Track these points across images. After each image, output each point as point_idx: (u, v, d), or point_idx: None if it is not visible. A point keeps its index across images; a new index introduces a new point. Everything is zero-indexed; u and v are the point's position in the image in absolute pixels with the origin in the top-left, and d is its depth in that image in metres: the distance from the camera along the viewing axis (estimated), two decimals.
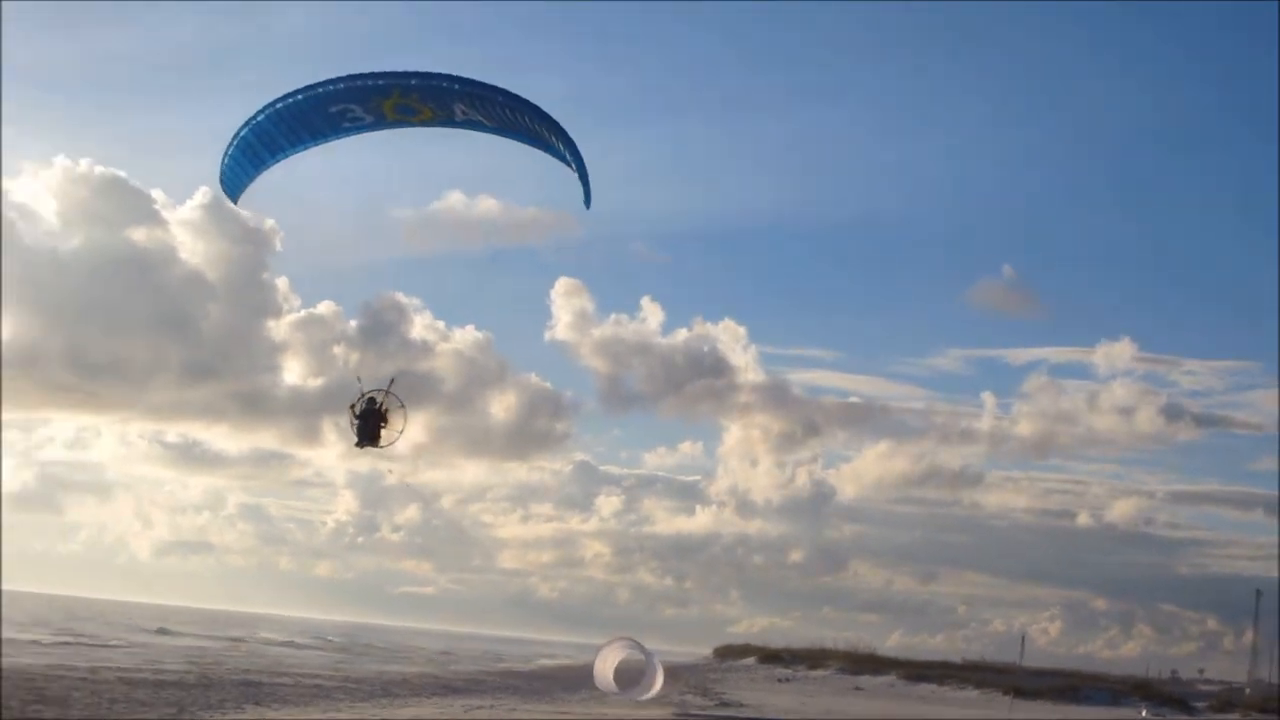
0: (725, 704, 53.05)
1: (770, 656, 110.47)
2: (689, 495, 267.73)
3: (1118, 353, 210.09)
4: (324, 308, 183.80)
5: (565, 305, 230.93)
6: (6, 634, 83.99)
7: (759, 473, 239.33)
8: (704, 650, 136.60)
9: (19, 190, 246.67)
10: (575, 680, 62.39)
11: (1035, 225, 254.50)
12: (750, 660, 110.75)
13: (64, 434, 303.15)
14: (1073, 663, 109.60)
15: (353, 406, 24.50)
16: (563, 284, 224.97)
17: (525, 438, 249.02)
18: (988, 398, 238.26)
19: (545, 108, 21.82)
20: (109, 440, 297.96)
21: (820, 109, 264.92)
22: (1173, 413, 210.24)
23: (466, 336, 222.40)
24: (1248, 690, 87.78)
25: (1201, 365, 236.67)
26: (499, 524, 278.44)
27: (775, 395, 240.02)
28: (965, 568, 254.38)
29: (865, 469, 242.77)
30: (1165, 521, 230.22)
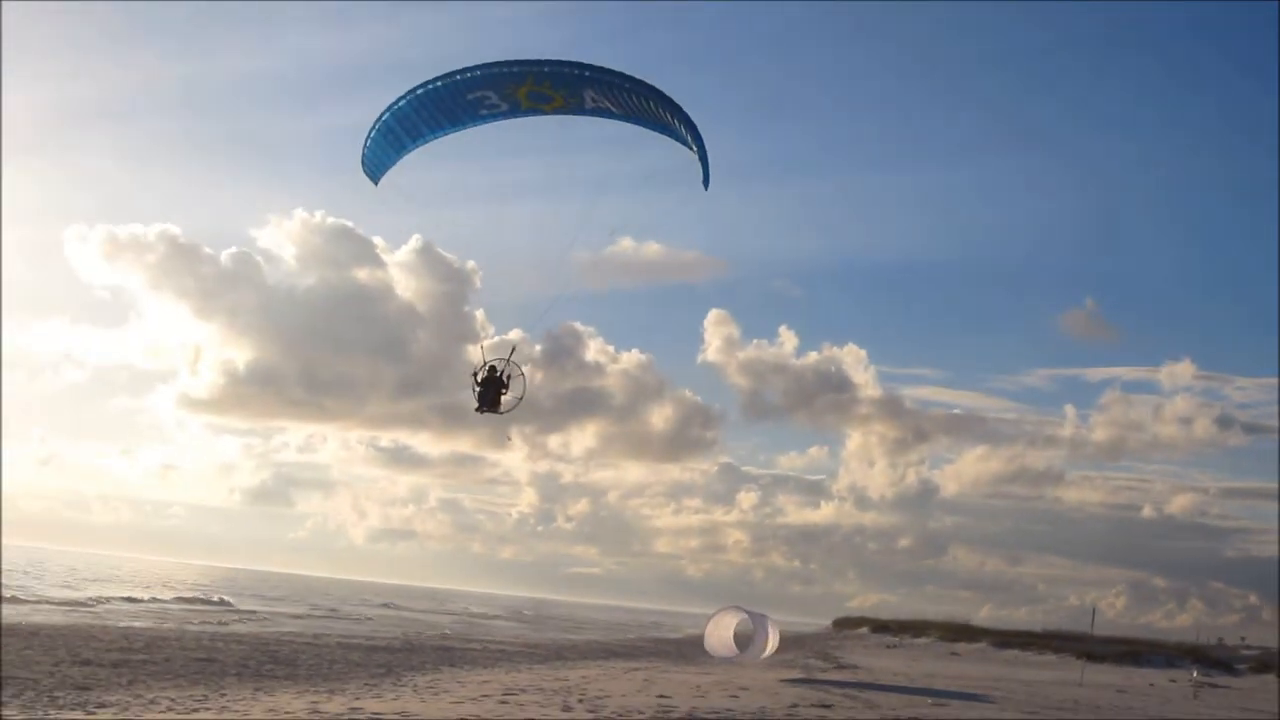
0: (841, 666, 53.50)
1: (880, 627, 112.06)
2: (815, 492, 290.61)
3: (1179, 372, 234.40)
4: (514, 334, 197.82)
5: (715, 332, 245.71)
6: (266, 607, 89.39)
7: (875, 472, 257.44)
8: (824, 621, 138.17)
9: (264, 238, 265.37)
10: None
11: (1111, 264, 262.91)
12: (864, 630, 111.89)
13: (296, 440, 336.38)
14: (1135, 632, 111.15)
15: (475, 374, 23.63)
16: (713, 315, 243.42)
17: (679, 443, 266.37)
18: (1069, 409, 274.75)
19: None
20: (333, 445, 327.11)
21: (932, 169, 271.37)
22: (1225, 422, 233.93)
23: (632, 359, 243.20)
24: None
25: (1250, 382, 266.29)
26: (655, 515, 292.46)
27: (890, 407, 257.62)
28: (1046, 552, 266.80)
29: (964, 469, 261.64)
30: (1216, 514, 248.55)
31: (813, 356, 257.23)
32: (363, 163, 22.69)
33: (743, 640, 47.78)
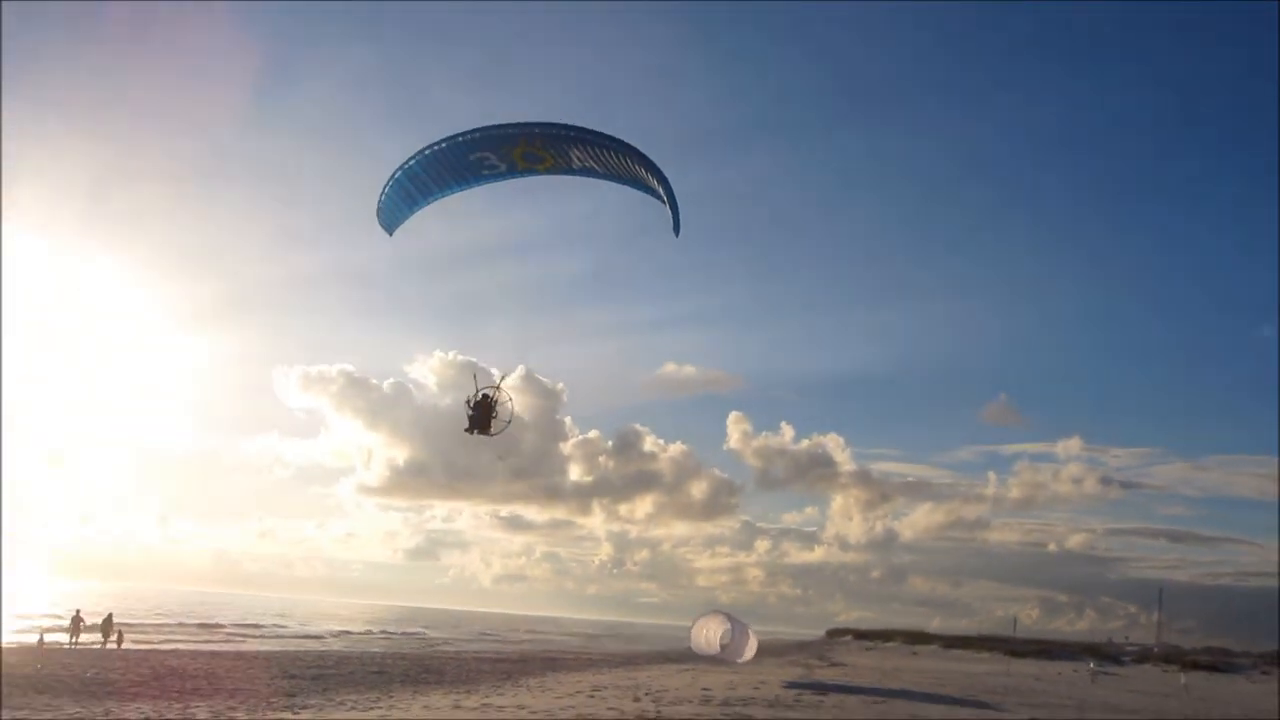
0: (833, 664, 50.05)
1: (860, 635, 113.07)
2: (809, 539, 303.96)
3: (1071, 445, 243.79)
4: (592, 434, 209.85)
5: (735, 428, 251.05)
6: (421, 633, 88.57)
7: (852, 524, 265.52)
8: (819, 632, 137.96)
9: (413, 371, 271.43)
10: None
11: (1016, 369, 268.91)
12: (848, 637, 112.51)
13: (441, 513, 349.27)
14: (1046, 635, 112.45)
15: (468, 401, 20.71)
16: (733, 415, 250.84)
17: (711, 508, 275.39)
18: (991, 475, 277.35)
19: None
20: (467, 516, 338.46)
21: (883, 308, 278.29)
22: (1105, 481, 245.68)
23: (677, 448, 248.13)
24: (1155, 649, 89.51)
25: (1123, 451, 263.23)
26: (696, 559, 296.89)
27: (861, 478, 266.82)
28: (978, 578, 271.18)
29: (917, 520, 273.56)
30: (1102, 548, 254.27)
31: (805, 443, 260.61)
32: (378, 214, 19.83)
33: (726, 644, 43.07)
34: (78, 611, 54.35)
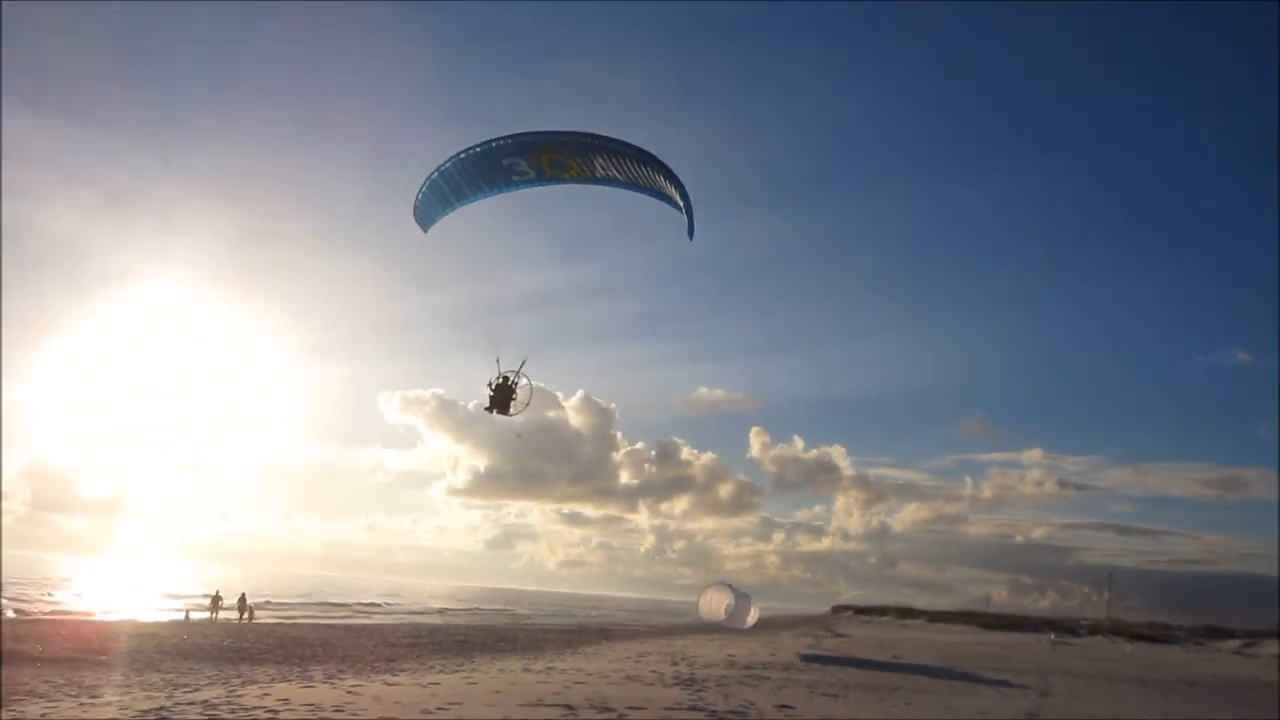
0: (836, 635, 50.79)
1: (859, 611, 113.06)
2: (818, 532, 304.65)
3: (1033, 454, 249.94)
4: (638, 445, 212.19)
5: (756, 440, 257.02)
6: (498, 609, 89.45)
7: (852, 520, 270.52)
8: (825, 609, 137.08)
9: None
10: (767, 627, 63.41)
11: (988, 391, 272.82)
12: (849, 613, 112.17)
13: (514, 511, 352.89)
14: (1014, 611, 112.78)
15: (490, 383, 18.54)
16: (754, 429, 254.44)
17: (737, 506, 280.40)
18: (968, 479, 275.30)
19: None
20: (535, 512, 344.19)
21: (871, 341, 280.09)
22: (1062, 484, 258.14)
23: (708, 457, 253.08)
24: (1105, 623, 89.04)
25: (1078, 459, 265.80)
26: (724, 548, 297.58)
27: (860, 481, 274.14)
28: (957, 564, 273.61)
29: (906, 516, 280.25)
30: (1060, 539, 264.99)
31: (813, 452, 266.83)
32: (414, 213, 18.14)
33: (731, 612, 40.38)
34: (216, 592, 55.39)
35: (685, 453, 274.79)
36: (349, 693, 14.56)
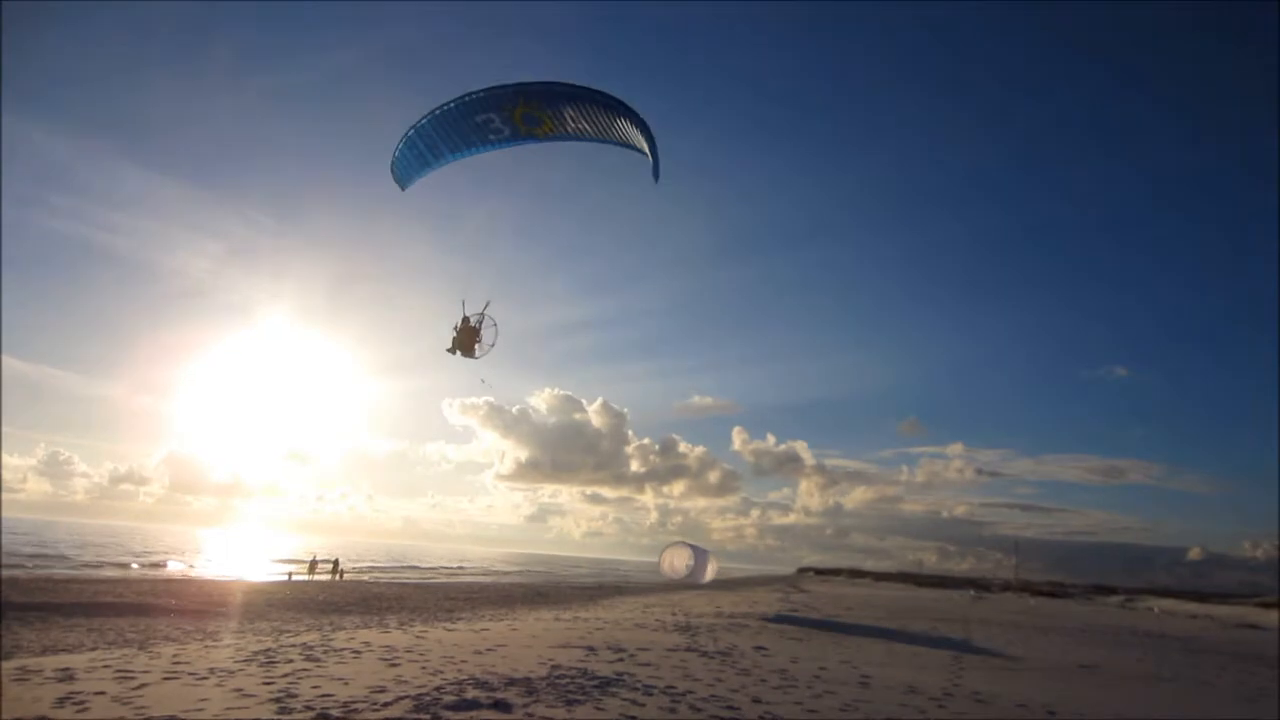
0: (801, 590, 51.02)
1: (819, 572, 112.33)
2: (786, 509, 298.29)
3: (956, 448, 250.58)
4: (645, 440, 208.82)
5: (737, 437, 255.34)
6: (533, 569, 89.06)
7: (812, 500, 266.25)
8: (792, 570, 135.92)
9: (533, 400, 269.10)
10: (746, 585, 61.37)
11: (919, 399, 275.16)
12: (811, 574, 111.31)
13: (548, 492, 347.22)
14: (942, 573, 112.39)
15: (455, 326, 14.76)
16: (736, 428, 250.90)
17: (722, 489, 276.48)
18: (904, 468, 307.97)
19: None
20: (565, 494, 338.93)
21: (825, 356, 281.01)
22: (979, 472, 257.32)
23: (700, 450, 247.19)
24: (1013, 582, 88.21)
25: (991, 451, 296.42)
26: (712, 523, 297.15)
27: (820, 470, 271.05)
28: (896, 535, 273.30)
29: (856, 497, 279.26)
30: (978, 516, 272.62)
31: (782, 447, 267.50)
32: (392, 170, 14.65)
33: (691, 568, 34.33)
34: (314, 556, 55.20)
35: (682, 446, 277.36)
36: (417, 637, 14.35)
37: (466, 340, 14.78)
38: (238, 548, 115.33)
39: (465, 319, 14.80)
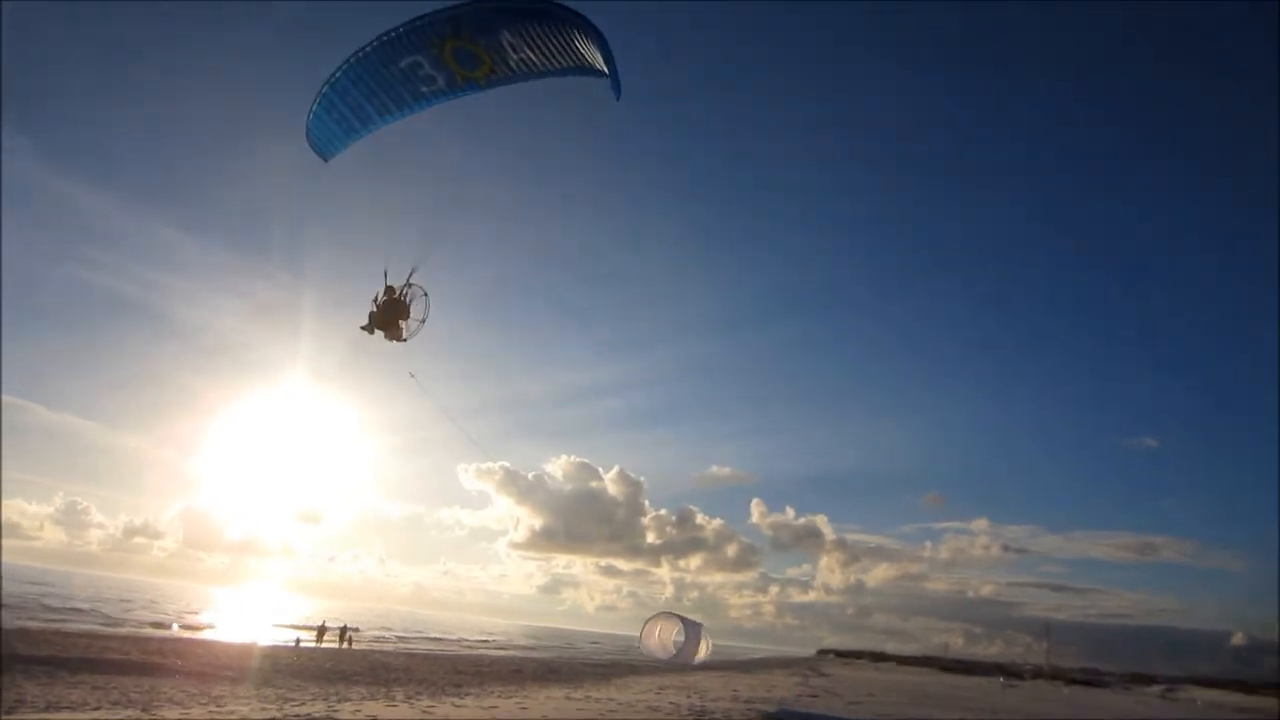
0: (821, 675, 50.01)
1: (840, 654, 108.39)
2: (805, 586, 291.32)
3: (981, 524, 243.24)
4: (662, 511, 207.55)
5: (755, 509, 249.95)
6: (546, 644, 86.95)
7: (833, 577, 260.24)
8: (812, 651, 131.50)
9: (549, 468, 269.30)
10: (762, 664, 60.12)
11: (943, 473, 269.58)
12: (832, 656, 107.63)
13: (562, 563, 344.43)
14: (967, 656, 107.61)
15: (375, 298, 11.96)
16: (755, 500, 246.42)
17: (739, 563, 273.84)
18: (928, 544, 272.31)
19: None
20: (578, 565, 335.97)
21: (844, 428, 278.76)
22: (1005, 549, 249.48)
23: (717, 523, 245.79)
24: (1045, 668, 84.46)
25: (1018, 527, 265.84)
26: (729, 598, 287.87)
27: (840, 544, 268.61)
28: (920, 615, 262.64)
29: (878, 574, 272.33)
30: (1005, 596, 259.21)
31: (802, 520, 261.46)
32: (307, 135, 12.08)
33: (678, 646, 27.32)
34: (323, 622, 54.45)
35: (699, 518, 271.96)
36: (424, 713, 13.99)
37: (389, 317, 12.01)
38: (248, 608, 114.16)
39: (389, 289, 12.10)
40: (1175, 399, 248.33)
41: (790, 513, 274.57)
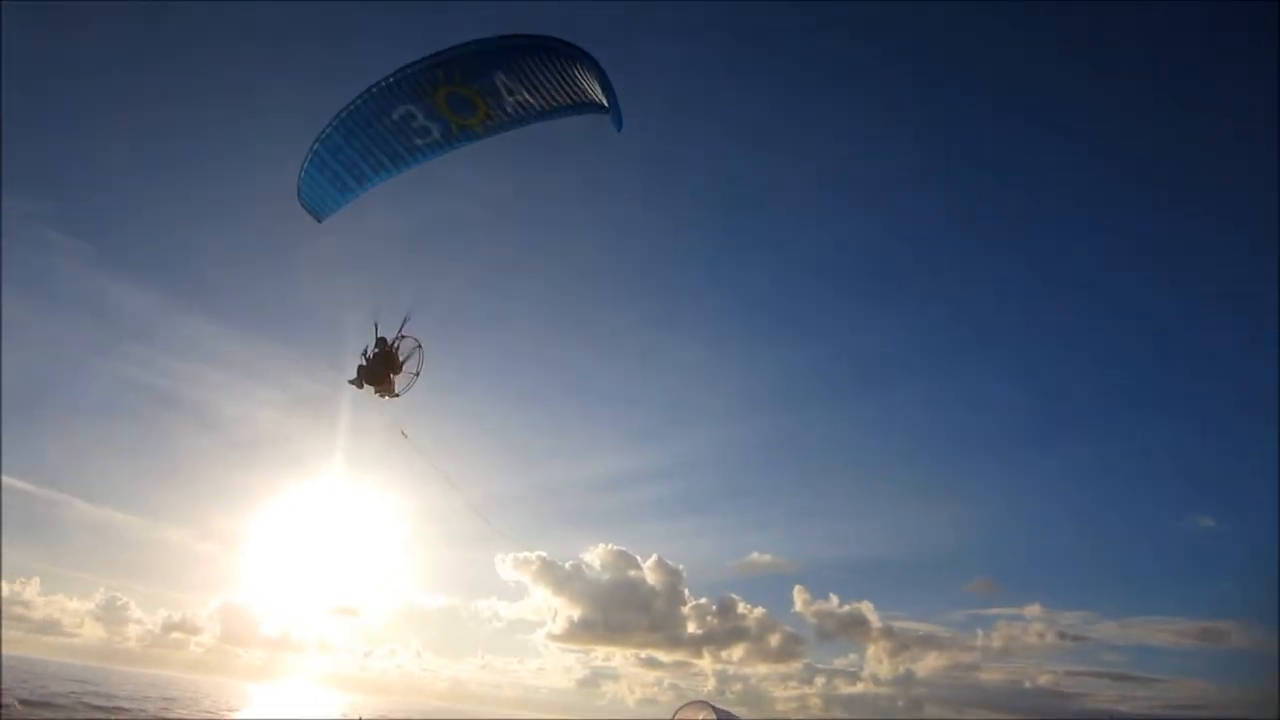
0: None
1: None
2: (853, 677, 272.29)
3: (1034, 609, 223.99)
4: (702, 600, 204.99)
5: (798, 597, 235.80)
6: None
7: (881, 667, 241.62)
8: None
9: (587, 557, 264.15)
10: None
11: (992, 557, 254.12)
12: None
13: (601, 655, 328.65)
14: None
15: (364, 351, 11.01)
16: (797, 588, 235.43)
17: (783, 654, 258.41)
18: (979, 631, 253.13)
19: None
20: (618, 657, 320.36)
21: (881, 516, 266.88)
22: (1060, 635, 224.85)
23: (759, 611, 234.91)
24: None
25: (1073, 613, 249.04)
26: (774, 690, 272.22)
27: (887, 633, 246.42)
28: (976, 707, 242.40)
29: (928, 664, 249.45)
30: (1064, 686, 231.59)
31: (846, 608, 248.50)
32: (299, 195, 11.24)
33: None
34: (359, 718, 53.95)
35: (741, 607, 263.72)
36: None
37: (381, 371, 10.95)
38: (285, 705, 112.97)
39: (380, 341, 11.10)
40: (1231, 477, 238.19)
41: (834, 600, 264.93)
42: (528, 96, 10.29)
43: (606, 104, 10.14)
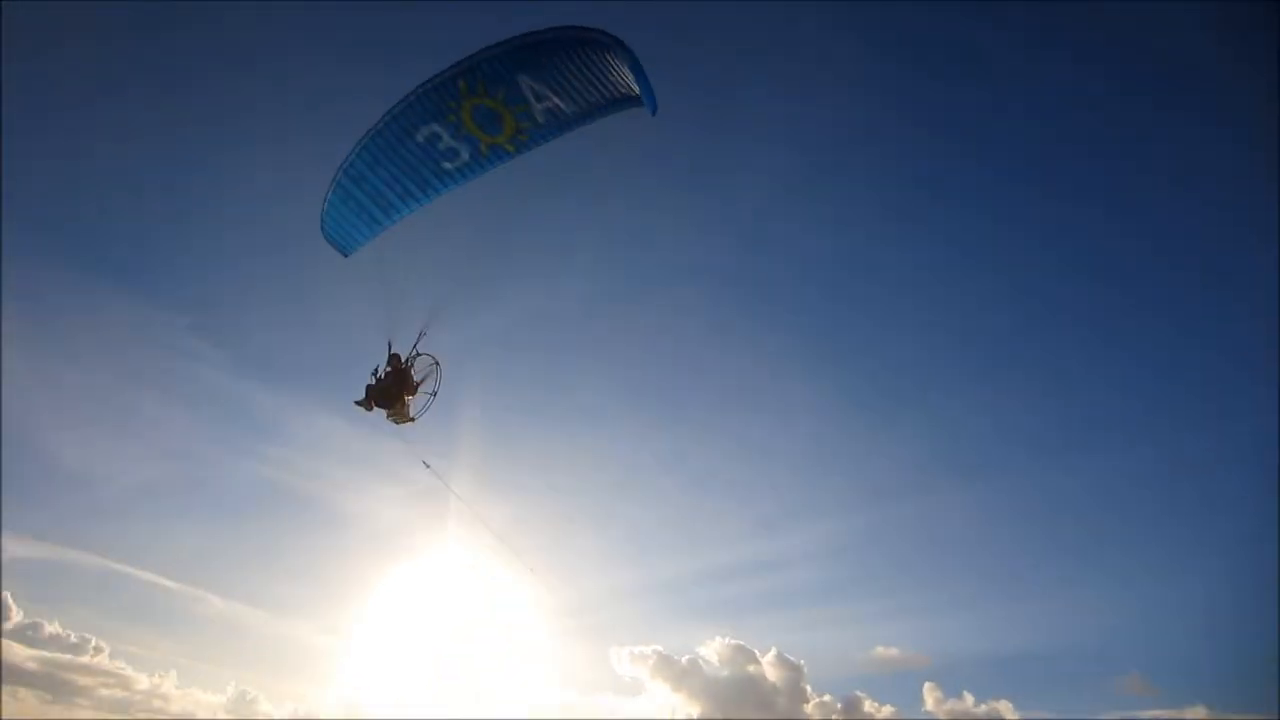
0: None
1: None
2: None
3: (1198, 711, 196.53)
4: (826, 697, 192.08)
5: (930, 695, 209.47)
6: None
7: None
8: None
9: (703, 651, 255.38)
10: None
11: (1146, 650, 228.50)
12: None
13: None
14: None
15: (375, 370, 10.04)
16: (928, 685, 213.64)
17: None
18: None
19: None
20: None
21: (1026, 603, 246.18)
22: None
23: (888, 710, 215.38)
24: None
25: (1244, 717, 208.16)
26: None
27: None
28: None
29: None
30: None
31: (982, 707, 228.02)
32: (323, 229, 10.45)
33: None
34: None
35: (867, 705, 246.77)
36: None
37: (393, 392, 9.89)
38: None
39: (395, 358, 10.01)
40: None
41: (969, 699, 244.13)
42: (557, 101, 9.52)
43: (638, 90, 9.19)
